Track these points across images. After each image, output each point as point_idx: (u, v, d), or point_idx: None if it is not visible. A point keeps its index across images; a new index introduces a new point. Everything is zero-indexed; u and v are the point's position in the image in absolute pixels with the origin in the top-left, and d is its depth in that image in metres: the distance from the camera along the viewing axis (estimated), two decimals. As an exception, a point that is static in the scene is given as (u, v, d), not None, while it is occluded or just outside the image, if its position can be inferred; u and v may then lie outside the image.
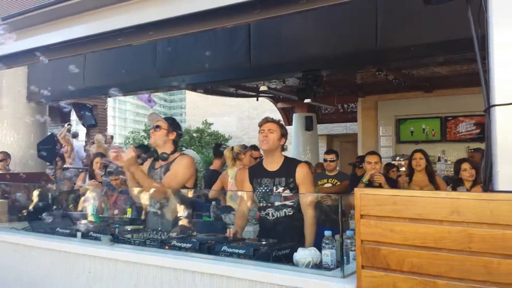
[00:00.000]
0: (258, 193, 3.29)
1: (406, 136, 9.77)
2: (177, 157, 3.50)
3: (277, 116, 12.70)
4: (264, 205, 3.26)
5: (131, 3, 3.19)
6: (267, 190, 3.23)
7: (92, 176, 5.63)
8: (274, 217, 3.20)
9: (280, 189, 3.19)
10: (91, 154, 8.18)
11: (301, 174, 3.19)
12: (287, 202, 3.19)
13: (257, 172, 3.35)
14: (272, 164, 3.28)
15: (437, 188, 4.62)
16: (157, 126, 3.48)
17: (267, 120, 3.33)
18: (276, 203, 3.21)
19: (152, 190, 3.43)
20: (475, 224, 1.75)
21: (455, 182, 4.67)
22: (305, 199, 3.15)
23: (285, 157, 3.33)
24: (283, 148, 3.38)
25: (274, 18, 2.95)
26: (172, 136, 3.52)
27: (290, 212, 3.19)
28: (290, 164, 3.26)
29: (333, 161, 5.38)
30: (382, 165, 4.81)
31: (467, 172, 4.50)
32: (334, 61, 5.07)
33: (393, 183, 4.72)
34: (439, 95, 9.05)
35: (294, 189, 3.18)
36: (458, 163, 4.73)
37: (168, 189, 3.40)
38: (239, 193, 3.51)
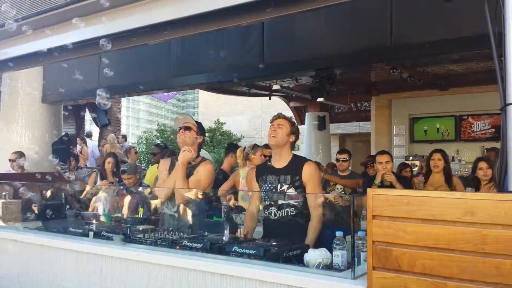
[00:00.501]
0: (263, 191, 3.24)
1: (420, 136, 9.65)
2: (199, 162, 3.53)
3: (289, 115, 12.67)
4: (268, 203, 3.20)
5: (145, 3, 3.20)
6: (271, 188, 3.18)
7: (103, 176, 5.68)
8: (276, 217, 3.13)
9: (285, 187, 3.12)
10: (104, 154, 8.27)
11: (308, 172, 3.11)
12: (291, 201, 3.11)
13: (263, 170, 3.31)
14: (280, 161, 3.22)
15: (452, 189, 4.53)
16: (188, 127, 3.50)
17: (278, 116, 3.28)
18: (280, 202, 3.14)
19: (177, 192, 3.43)
20: (488, 225, 1.71)
21: (470, 181, 4.60)
22: (312, 198, 3.09)
23: (294, 155, 3.26)
24: (293, 147, 3.31)
25: (287, 16, 2.93)
26: (200, 139, 3.56)
27: (293, 212, 3.10)
28: (297, 162, 3.19)
29: (346, 160, 5.33)
30: (393, 164, 4.72)
31: (482, 171, 4.44)
32: (347, 59, 5.02)
33: (405, 182, 4.63)
34: (454, 93, 8.91)
35: (300, 187, 3.11)
36: (475, 162, 4.66)
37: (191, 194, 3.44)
38: (249, 193, 3.49)
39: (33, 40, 3.96)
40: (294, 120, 3.36)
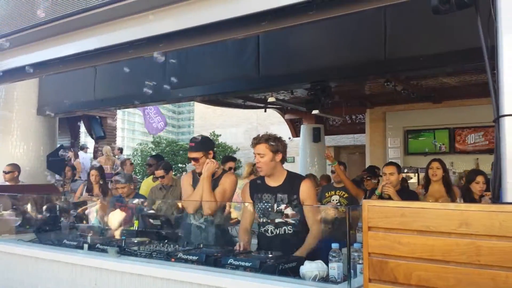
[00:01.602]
0: (258, 208, 3.20)
1: (415, 148, 9.70)
2: (221, 174, 3.59)
3: (284, 128, 12.70)
4: (264, 221, 3.16)
5: (141, 16, 3.22)
6: (267, 207, 3.14)
7: (89, 189, 5.67)
8: (273, 234, 3.10)
9: (282, 206, 3.09)
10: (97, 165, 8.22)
11: (306, 191, 3.07)
12: (288, 220, 3.08)
13: (258, 187, 3.24)
14: (274, 180, 3.17)
15: (453, 199, 4.50)
16: (195, 158, 3.51)
17: (255, 142, 3.15)
18: (277, 220, 3.10)
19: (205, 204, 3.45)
20: (483, 236, 1.72)
21: (465, 191, 4.55)
22: (311, 215, 3.06)
23: (288, 172, 3.20)
24: (284, 162, 3.20)
25: (282, 29, 2.96)
26: (211, 155, 3.56)
27: (290, 230, 3.08)
28: (293, 180, 3.14)
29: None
30: (400, 176, 4.64)
31: (479, 185, 4.38)
32: (342, 72, 5.06)
33: (413, 196, 4.51)
34: (448, 106, 8.99)
35: (297, 206, 3.08)
36: (473, 174, 4.59)
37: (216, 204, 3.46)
38: (242, 207, 3.49)
39: (29, 52, 3.98)
40: (274, 137, 3.16)
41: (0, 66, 4.20)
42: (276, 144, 3.10)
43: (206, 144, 3.63)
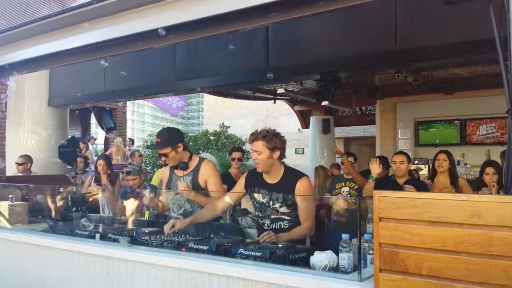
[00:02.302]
0: (255, 202, 3.21)
1: (425, 139, 9.63)
2: (198, 163, 3.56)
3: (294, 119, 12.66)
4: (261, 215, 3.19)
5: (150, 7, 3.22)
6: (264, 202, 3.14)
7: (98, 179, 5.71)
8: (269, 228, 3.12)
9: (277, 205, 3.09)
10: (112, 157, 8.30)
11: (301, 190, 3.04)
12: (284, 216, 3.09)
13: (255, 181, 3.22)
14: (271, 177, 3.14)
15: (458, 190, 4.51)
16: (164, 154, 3.52)
17: (252, 138, 3.10)
18: (272, 216, 3.12)
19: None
20: (495, 227, 1.72)
21: (479, 183, 4.56)
22: (303, 213, 3.07)
23: (285, 169, 3.16)
24: (282, 158, 3.17)
25: (291, 20, 2.94)
26: (180, 148, 3.54)
27: (286, 225, 3.10)
28: (289, 178, 3.09)
29: (351, 163, 5.32)
30: (410, 166, 4.64)
31: (489, 176, 4.41)
32: (352, 63, 5.03)
33: (422, 186, 4.51)
34: (459, 97, 8.89)
35: (293, 205, 3.07)
36: (484, 165, 4.63)
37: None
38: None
39: (40, 44, 4.00)
40: (272, 133, 3.08)
41: (11, 58, 4.23)
42: (274, 141, 3.03)
43: (172, 139, 3.56)
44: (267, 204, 3.14)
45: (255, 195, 3.19)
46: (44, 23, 3.67)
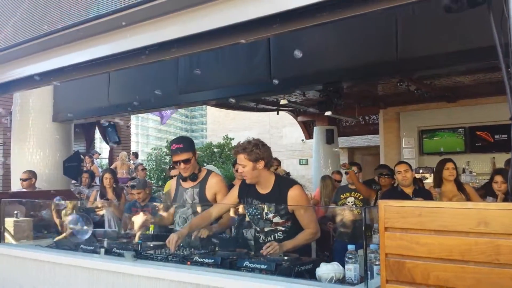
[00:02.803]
0: (249, 214, 3.18)
1: (430, 148, 9.60)
2: (206, 175, 3.53)
3: (297, 130, 12.67)
4: (255, 228, 3.15)
5: (153, 22, 3.25)
6: (256, 214, 3.11)
7: (103, 194, 5.70)
8: (263, 242, 3.05)
9: (270, 216, 3.04)
10: (117, 171, 8.31)
11: (294, 199, 2.99)
12: (279, 227, 3.05)
13: (248, 192, 3.18)
14: (262, 187, 3.11)
15: (466, 196, 4.49)
16: (186, 160, 3.45)
17: (234, 151, 3.11)
18: (266, 229, 3.08)
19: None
20: (503, 235, 1.70)
21: (488, 189, 4.54)
22: (306, 218, 3.02)
23: (276, 177, 3.12)
24: (270, 167, 3.15)
25: (293, 31, 2.96)
26: (196, 156, 3.54)
27: (281, 236, 3.05)
28: (281, 188, 3.04)
29: (355, 173, 5.30)
30: (413, 174, 4.63)
31: (497, 185, 4.39)
32: (354, 73, 5.05)
33: (428, 195, 4.49)
34: (463, 105, 8.89)
35: (286, 215, 3.03)
36: (493, 173, 4.64)
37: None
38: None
39: (44, 60, 4.03)
40: (253, 143, 3.03)
41: (14, 74, 4.27)
42: (255, 152, 2.99)
43: (192, 146, 3.54)
44: (259, 216, 3.10)
45: (248, 206, 3.17)
46: (48, 39, 3.70)
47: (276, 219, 3.05)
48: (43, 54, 3.97)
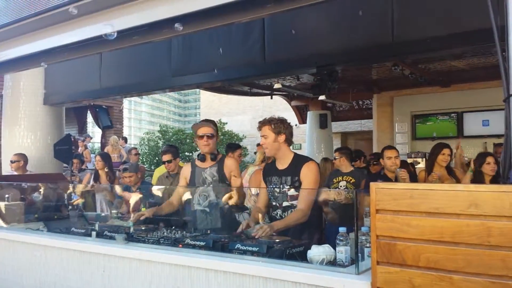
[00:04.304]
0: (269, 192, 3.28)
1: (422, 132, 9.62)
2: (222, 157, 3.74)
3: (291, 115, 12.67)
4: (274, 204, 3.24)
5: (145, 1, 3.19)
6: (275, 189, 3.23)
7: (97, 177, 5.67)
8: (281, 218, 3.15)
9: (286, 188, 3.17)
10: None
11: (304, 172, 3.14)
12: (294, 202, 3.14)
13: (269, 171, 3.37)
14: (282, 163, 3.27)
15: (457, 180, 4.51)
16: (212, 135, 3.67)
17: (260, 124, 3.29)
18: (284, 204, 3.18)
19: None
20: (493, 217, 1.70)
21: (477, 175, 4.54)
22: (303, 195, 3.10)
23: (295, 155, 3.29)
24: (290, 143, 3.30)
25: (287, 11, 2.92)
26: (218, 139, 3.74)
27: None
28: (297, 163, 3.22)
29: (336, 159, 5.27)
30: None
31: (490, 165, 4.38)
32: (349, 56, 5.00)
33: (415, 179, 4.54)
34: (456, 89, 8.88)
35: (299, 187, 3.13)
36: (483, 156, 4.59)
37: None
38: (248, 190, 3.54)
39: (34, 41, 3.96)
40: (277, 118, 3.29)
41: (5, 55, 4.19)
42: (279, 126, 3.20)
43: (217, 127, 3.82)
44: (278, 191, 3.22)
45: (269, 184, 3.31)
46: (37, 19, 3.63)
47: (291, 192, 3.15)
48: (32, 35, 3.90)
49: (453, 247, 1.77)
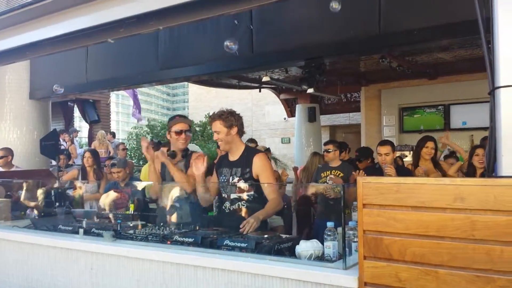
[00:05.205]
0: (220, 184, 3.28)
1: (410, 125, 9.66)
2: (190, 153, 3.59)
3: (279, 108, 12.64)
4: (223, 196, 3.24)
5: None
6: (224, 180, 3.23)
7: (84, 173, 5.60)
8: (229, 211, 3.16)
9: (235, 180, 3.16)
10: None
11: (258, 164, 3.12)
12: (242, 195, 3.13)
13: (221, 162, 3.36)
14: (233, 154, 3.26)
15: (443, 174, 4.54)
16: (188, 130, 3.56)
17: (210, 119, 3.25)
18: (232, 196, 3.17)
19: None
20: (478, 211, 1.71)
21: (468, 168, 4.57)
22: (267, 187, 3.09)
23: (246, 147, 3.28)
24: (242, 135, 3.28)
25: (275, 3, 2.90)
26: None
27: (244, 205, 3.12)
28: (248, 154, 3.20)
29: (329, 151, 5.26)
30: (395, 155, 4.60)
31: (479, 157, 4.40)
32: (337, 48, 4.98)
33: (406, 173, 4.50)
34: (443, 82, 8.93)
35: (250, 179, 3.13)
36: (473, 148, 4.64)
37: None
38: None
39: (18, 34, 3.89)
40: (226, 111, 3.21)
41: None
42: (229, 119, 3.17)
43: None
44: (226, 182, 3.22)
45: (220, 175, 3.29)
46: (23, 12, 3.57)
47: (240, 184, 3.14)
48: (17, 28, 3.84)
49: (439, 241, 1.78)
